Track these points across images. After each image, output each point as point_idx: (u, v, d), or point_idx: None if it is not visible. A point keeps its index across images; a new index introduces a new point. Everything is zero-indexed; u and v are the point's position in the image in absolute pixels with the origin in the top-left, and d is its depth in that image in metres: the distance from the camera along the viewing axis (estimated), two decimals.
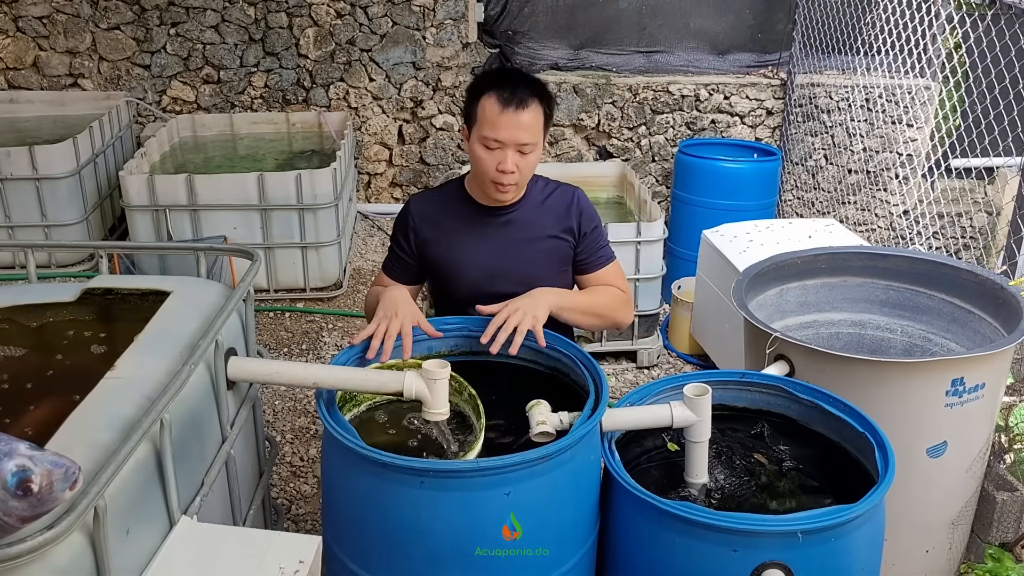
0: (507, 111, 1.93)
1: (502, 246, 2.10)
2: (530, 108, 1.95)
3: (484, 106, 1.96)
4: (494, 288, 2.09)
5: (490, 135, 1.95)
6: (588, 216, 2.15)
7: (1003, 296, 2.82)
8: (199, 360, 1.51)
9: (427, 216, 2.14)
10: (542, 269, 2.11)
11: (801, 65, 5.22)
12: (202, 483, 1.59)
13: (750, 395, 2.06)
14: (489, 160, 1.98)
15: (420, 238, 2.13)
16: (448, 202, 2.14)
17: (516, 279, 2.08)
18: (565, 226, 2.12)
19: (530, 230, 2.11)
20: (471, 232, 2.11)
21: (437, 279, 2.18)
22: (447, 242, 2.12)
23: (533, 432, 1.78)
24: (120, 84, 4.99)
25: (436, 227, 2.13)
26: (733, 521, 1.60)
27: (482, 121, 1.96)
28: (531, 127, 1.96)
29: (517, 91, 1.94)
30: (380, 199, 5.36)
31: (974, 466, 2.70)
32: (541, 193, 2.14)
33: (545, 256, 2.12)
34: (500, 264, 2.10)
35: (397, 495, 1.62)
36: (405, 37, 5.04)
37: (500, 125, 1.94)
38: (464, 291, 2.12)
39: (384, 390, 1.71)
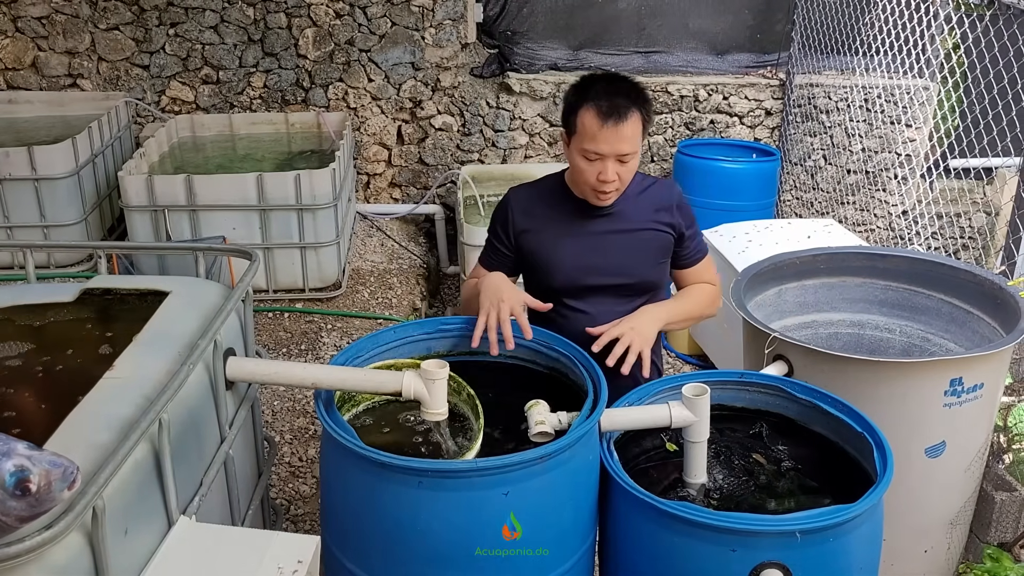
0: (607, 125, 1.94)
1: (599, 239, 2.12)
2: (630, 119, 1.95)
3: (584, 119, 1.97)
4: (589, 281, 2.12)
5: (591, 148, 1.97)
6: (686, 212, 2.18)
7: (1001, 296, 2.83)
8: (198, 360, 1.51)
9: (526, 208, 2.16)
10: (639, 262, 2.13)
11: (800, 65, 5.22)
12: (201, 483, 1.59)
13: (749, 395, 2.06)
14: (590, 171, 2.00)
15: (518, 229, 2.15)
16: (547, 195, 2.17)
17: (612, 271, 2.12)
18: (665, 219, 2.14)
19: (628, 223, 2.13)
20: (569, 225, 2.13)
21: (533, 270, 2.19)
22: (544, 234, 2.14)
23: (532, 432, 1.78)
24: (119, 84, 4.98)
25: (534, 219, 2.15)
26: (731, 521, 1.60)
27: (582, 133, 1.98)
28: (631, 138, 1.97)
29: (617, 103, 1.94)
30: (379, 199, 5.36)
31: (972, 466, 2.70)
32: (639, 186, 2.15)
33: (643, 248, 2.13)
34: (597, 257, 2.12)
35: (395, 495, 1.63)
36: (404, 37, 5.04)
37: (600, 139, 1.95)
38: (559, 283, 2.14)
39: (383, 390, 1.71)
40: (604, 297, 2.13)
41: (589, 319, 2.11)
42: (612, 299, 2.13)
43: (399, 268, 4.67)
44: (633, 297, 2.16)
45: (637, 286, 2.15)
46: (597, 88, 1.98)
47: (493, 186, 4.98)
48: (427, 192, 5.30)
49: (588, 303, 2.14)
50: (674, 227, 2.15)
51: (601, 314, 2.11)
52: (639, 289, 2.16)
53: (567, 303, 2.15)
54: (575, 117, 1.99)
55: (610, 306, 2.13)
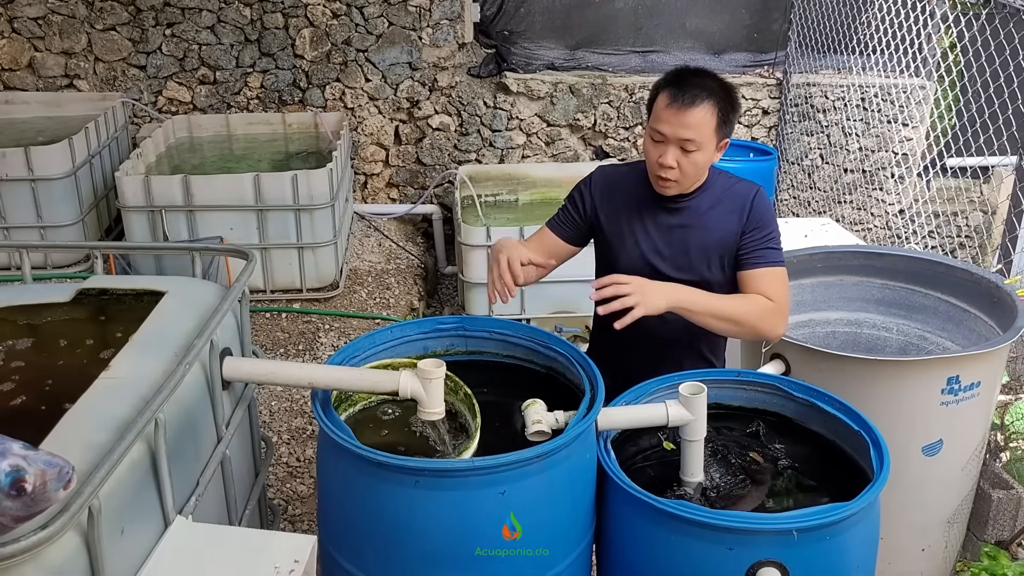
0: (673, 106, 1.96)
1: (667, 232, 2.13)
2: (699, 107, 1.96)
3: (658, 101, 2.01)
4: (655, 269, 2.12)
5: (656, 127, 2.00)
6: (758, 215, 2.12)
7: (998, 295, 2.83)
8: (194, 360, 1.51)
9: (607, 186, 2.19)
10: (700, 261, 2.12)
11: (797, 65, 5.22)
12: (197, 483, 1.58)
13: (746, 394, 2.06)
14: (653, 152, 2.03)
15: (597, 206, 2.19)
16: (630, 180, 2.18)
17: (676, 265, 2.12)
18: (732, 226, 2.11)
19: (699, 220, 2.12)
20: (642, 212, 2.15)
21: (603, 249, 2.23)
22: (619, 217, 2.16)
23: (528, 431, 1.78)
24: (116, 85, 4.98)
25: (613, 200, 2.17)
26: (728, 519, 1.60)
27: (653, 115, 2.03)
28: (697, 126, 1.96)
29: (690, 89, 1.97)
30: (377, 199, 5.36)
31: (969, 464, 2.70)
32: (721, 188, 2.14)
33: (706, 247, 2.12)
34: (663, 248, 2.13)
35: (392, 495, 1.62)
36: (401, 37, 5.04)
37: (663, 119, 1.98)
38: (625, 267, 2.13)
39: (379, 390, 1.71)
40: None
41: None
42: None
43: (397, 268, 4.67)
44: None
45: (694, 283, 2.10)
46: (682, 75, 2.01)
47: (491, 186, 4.98)
48: (424, 192, 5.29)
49: None
50: (738, 230, 2.10)
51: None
52: (698, 286, 2.09)
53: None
54: (654, 99, 2.04)
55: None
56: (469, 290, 4.22)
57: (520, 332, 2.05)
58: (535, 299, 4.20)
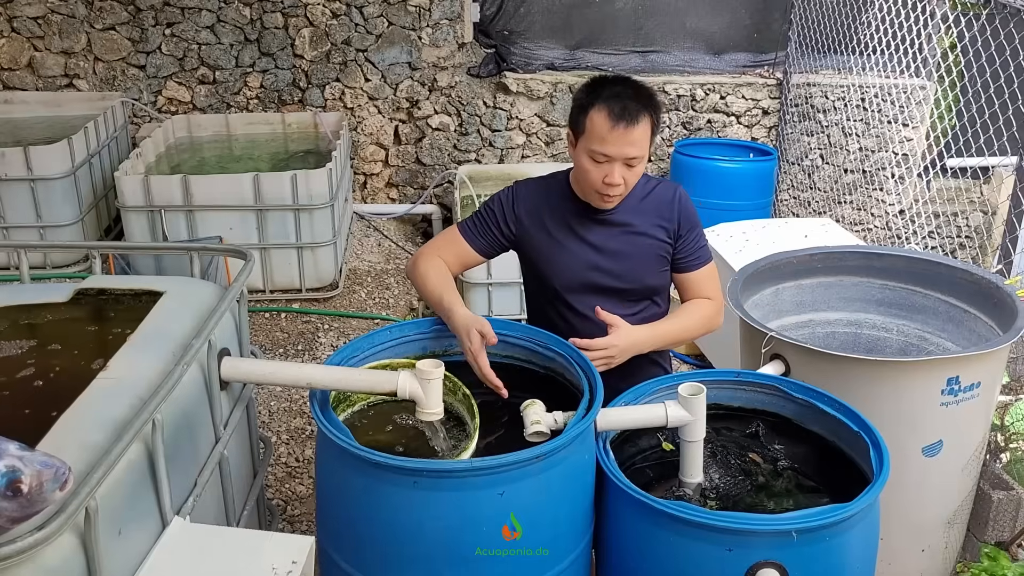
0: (617, 128, 1.91)
1: (602, 242, 2.11)
2: (640, 123, 1.93)
3: (594, 119, 1.94)
4: (594, 281, 2.11)
5: (599, 150, 1.95)
6: (687, 216, 2.14)
7: (998, 295, 2.82)
8: (192, 360, 1.50)
9: (532, 205, 2.14)
10: (640, 267, 2.12)
11: (797, 65, 5.22)
12: (195, 483, 1.58)
13: (745, 394, 2.06)
14: (596, 172, 1.98)
15: (521, 224, 2.14)
16: (552, 194, 2.15)
17: (612, 275, 2.10)
18: (663, 225, 2.12)
19: (630, 227, 2.11)
20: (571, 226, 2.12)
21: (533, 268, 2.18)
22: (547, 233, 2.13)
23: (527, 432, 1.78)
24: (115, 85, 4.97)
25: (538, 217, 2.13)
26: (727, 520, 1.60)
27: (591, 134, 1.95)
28: (640, 142, 1.95)
29: (628, 106, 1.92)
30: (376, 199, 5.35)
31: (969, 465, 2.70)
32: (642, 190, 2.13)
33: (643, 254, 2.12)
34: (599, 259, 2.11)
35: (391, 495, 1.62)
36: (401, 37, 5.03)
37: (609, 141, 1.93)
38: (559, 283, 2.13)
39: (378, 390, 1.70)
40: (604, 300, 2.11)
41: (587, 321, 2.10)
42: (612, 302, 2.11)
43: (396, 268, 4.67)
44: (634, 301, 2.15)
45: (637, 291, 2.13)
46: (608, 89, 1.95)
47: (490, 186, 4.97)
48: (424, 192, 5.29)
49: (588, 305, 2.11)
50: (670, 232, 2.13)
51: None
52: (639, 294, 2.14)
53: (569, 304, 2.13)
54: (585, 117, 1.96)
55: (609, 309, 2.10)
56: (468, 290, 4.21)
57: (519, 332, 2.05)
58: None
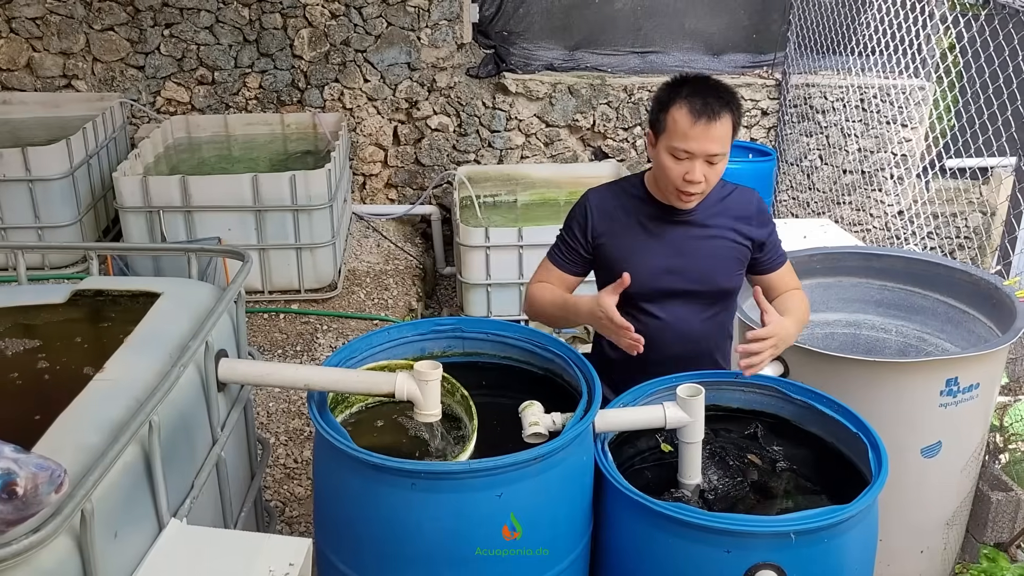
0: (699, 123, 1.92)
1: (678, 244, 2.09)
2: (722, 120, 1.93)
3: (675, 116, 1.94)
4: (665, 286, 2.09)
5: (680, 146, 1.94)
6: (765, 220, 2.14)
7: (997, 296, 2.82)
8: (189, 362, 1.50)
9: (605, 210, 2.13)
10: (717, 270, 2.10)
11: (796, 65, 5.22)
12: (192, 485, 1.58)
13: (744, 395, 2.05)
14: (676, 170, 1.97)
15: (596, 232, 2.12)
16: (626, 198, 2.14)
17: (691, 277, 2.09)
18: (743, 230, 2.11)
19: (707, 230, 2.09)
20: (648, 228, 2.10)
21: (608, 273, 2.13)
22: (623, 237, 2.11)
23: (526, 433, 1.78)
24: (114, 85, 4.97)
25: (613, 221, 2.12)
26: (726, 522, 1.60)
27: (672, 131, 1.95)
28: (722, 139, 1.95)
29: (709, 102, 1.92)
30: (375, 200, 5.35)
31: (968, 466, 2.69)
32: (719, 192, 2.11)
33: (720, 257, 2.10)
34: (675, 261, 2.09)
35: (389, 497, 1.62)
36: (400, 38, 5.03)
37: (691, 137, 1.92)
38: (634, 287, 2.07)
39: (375, 391, 1.70)
40: (679, 303, 2.10)
41: (663, 324, 2.09)
42: (687, 305, 2.10)
43: (395, 269, 4.66)
44: (708, 305, 2.12)
45: (713, 293, 2.11)
46: (689, 87, 1.95)
47: (489, 187, 4.97)
48: (423, 193, 5.29)
49: (663, 308, 2.10)
50: (752, 239, 2.11)
51: (676, 320, 2.10)
52: (715, 296, 2.12)
53: (642, 307, 2.10)
54: (665, 115, 1.96)
55: (685, 312, 2.10)
56: (467, 291, 4.21)
57: (517, 333, 2.05)
58: None
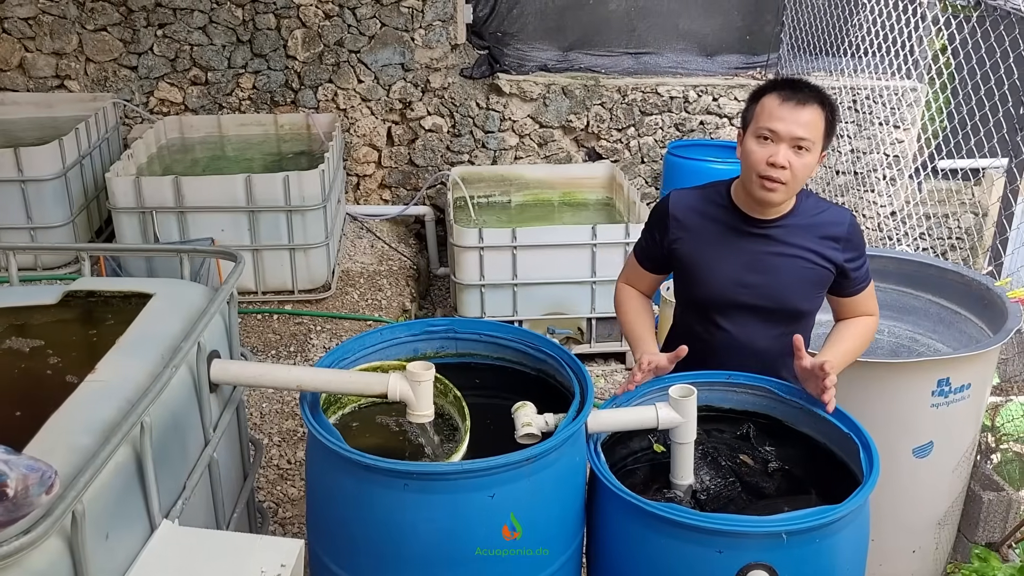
0: (787, 104, 1.90)
1: (756, 258, 2.02)
2: (811, 107, 1.91)
3: (764, 102, 1.94)
4: (739, 298, 2.04)
5: (766, 125, 1.91)
6: (855, 245, 2.05)
7: (989, 297, 2.84)
8: (181, 363, 1.50)
9: (686, 213, 2.09)
10: (793, 290, 2.03)
11: (789, 67, 5.23)
12: (184, 486, 1.57)
13: (736, 396, 2.06)
14: (761, 152, 1.92)
15: (674, 234, 2.08)
16: (709, 202, 2.08)
17: (763, 294, 2.03)
18: (827, 253, 2.02)
19: (790, 248, 2.02)
20: (727, 237, 2.04)
21: (683, 277, 2.12)
22: (700, 243, 2.06)
23: (518, 434, 1.78)
24: (107, 86, 4.96)
25: (692, 225, 2.07)
26: (717, 522, 1.60)
27: (760, 114, 1.94)
28: (809, 124, 1.90)
29: (800, 89, 1.93)
30: (369, 200, 5.35)
31: (960, 466, 2.71)
32: (811, 211, 2.04)
33: (799, 277, 2.02)
34: (750, 276, 2.02)
35: (382, 497, 1.62)
36: (394, 38, 5.03)
37: (777, 116, 1.90)
38: (708, 296, 2.07)
39: (368, 392, 1.70)
40: (749, 317, 2.05)
41: (729, 337, 2.07)
42: (757, 321, 2.05)
43: (389, 270, 4.66)
44: (779, 323, 2.06)
45: (786, 312, 2.05)
46: (785, 81, 1.97)
47: (483, 187, 4.98)
48: (417, 194, 5.28)
49: (732, 321, 2.06)
50: (837, 263, 2.03)
51: (743, 334, 2.06)
52: (787, 315, 2.06)
53: (711, 317, 2.07)
54: (756, 104, 1.96)
55: (754, 327, 2.06)
56: (461, 291, 4.21)
57: (510, 334, 2.05)
58: (528, 301, 4.19)
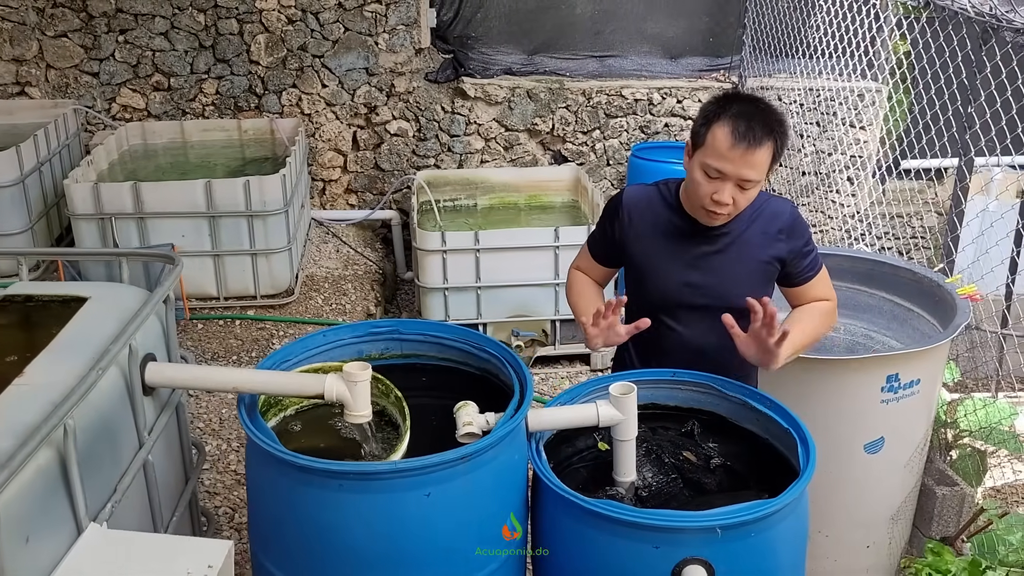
0: (739, 147, 1.85)
1: (701, 258, 2.03)
2: (763, 147, 1.86)
3: (716, 134, 1.88)
4: (686, 298, 2.05)
5: (714, 165, 1.88)
6: (801, 231, 2.05)
7: (939, 294, 2.87)
8: (108, 365, 1.48)
9: (637, 210, 2.08)
10: (740, 287, 2.02)
11: (752, 69, 5.27)
12: (115, 489, 1.56)
13: (681, 393, 2.07)
14: (706, 187, 1.90)
15: (624, 230, 2.08)
16: (660, 201, 2.08)
17: (709, 293, 2.04)
18: (771, 247, 2.03)
19: (736, 247, 2.03)
20: (673, 237, 2.04)
21: (632, 276, 2.12)
22: (648, 242, 2.06)
23: (459, 433, 1.78)
24: (68, 92, 4.91)
25: (642, 223, 2.07)
26: (653, 518, 1.61)
27: (710, 147, 1.89)
28: (759, 166, 1.88)
29: (754, 127, 1.86)
30: (335, 205, 5.33)
31: (912, 461, 2.73)
32: (754, 206, 2.02)
33: (747, 276, 2.04)
34: (695, 276, 2.04)
35: (317, 498, 1.61)
36: (357, 43, 5.02)
37: (728, 158, 1.86)
38: (655, 296, 2.07)
39: (305, 393, 1.69)
40: (698, 317, 2.06)
41: (679, 337, 2.07)
42: (706, 320, 2.04)
43: (354, 274, 4.65)
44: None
45: (733, 311, 2.00)
46: (738, 107, 1.89)
47: (449, 191, 4.98)
48: (383, 198, 5.27)
49: (680, 321, 2.07)
50: (782, 258, 2.04)
51: (692, 334, 2.07)
52: (735, 313, 2.00)
53: (660, 318, 2.06)
54: (707, 130, 1.90)
55: (702, 326, 2.06)
56: (425, 295, 4.20)
57: (454, 334, 2.05)
58: (492, 304, 4.19)
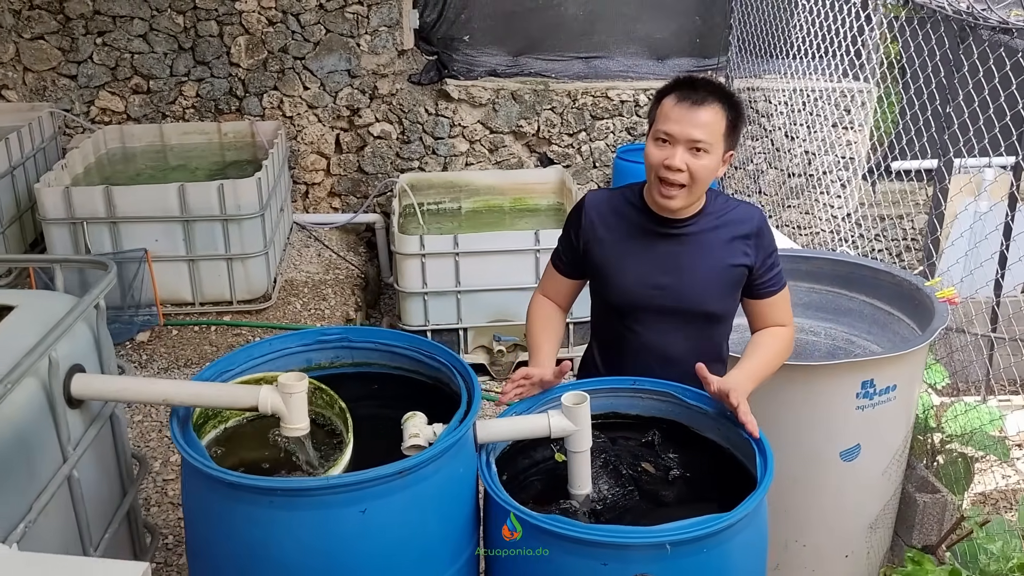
0: (683, 104, 1.86)
1: (670, 262, 1.99)
2: (708, 107, 1.86)
3: (664, 103, 1.90)
4: (651, 301, 2.00)
5: (662, 127, 1.88)
6: (767, 241, 2.02)
7: (919, 297, 2.80)
8: (19, 377, 1.41)
9: (600, 213, 2.04)
10: (705, 293, 1.99)
11: (739, 70, 5.20)
12: (29, 508, 1.49)
13: (642, 402, 1.99)
14: (658, 155, 1.88)
15: (587, 233, 2.04)
16: (624, 203, 2.04)
17: (675, 296, 1.99)
18: (739, 251, 1.99)
19: (701, 249, 1.98)
20: (638, 239, 2.01)
21: (597, 281, 2.08)
22: (613, 244, 2.02)
23: (405, 445, 1.71)
24: (46, 95, 4.86)
25: (606, 226, 2.03)
26: (600, 534, 1.54)
27: (658, 116, 1.90)
28: (707, 126, 1.86)
29: (698, 88, 1.88)
30: (319, 209, 5.26)
31: (890, 469, 2.65)
32: (721, 210, 2.00)
33: (711, 279, 1.99)
34: (661, 278, 1.99)
35: (248, 515, 1.54)
36: (339, 45, 4.96)
37: (673, 118, 1.86)
38: (620, 298, 2.02)
39: (238, 405, 1.62)
40: (662, 321, 2.01)
41: (643, 341, 2.02)
42: (671, 324, 2.01)
43: (335, 279, 4.58)
44: (693, 326, 2.03)
45: (698, 315, 2.01)
46: (690, 79, 1.92)
47: (433, 194, 4.91)
48: (367, 201, 5.21)
49: (645, 325, 2.02)
50: (747, 264, 2.00)
51: (657, 338, 2.02)
52: (700, 318, 2.02)
53: (624, 321, 2.03)
54: (657, 105, 1.92)
55: (667, 331, 2.01)
56: (404, 299, 4.14)
57: (404, 343, 1.98)
58: (472, 308, 4.12)
